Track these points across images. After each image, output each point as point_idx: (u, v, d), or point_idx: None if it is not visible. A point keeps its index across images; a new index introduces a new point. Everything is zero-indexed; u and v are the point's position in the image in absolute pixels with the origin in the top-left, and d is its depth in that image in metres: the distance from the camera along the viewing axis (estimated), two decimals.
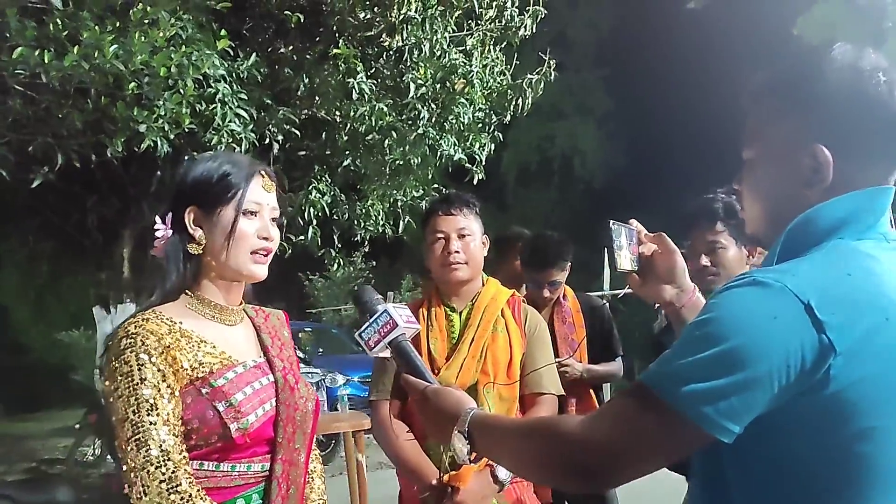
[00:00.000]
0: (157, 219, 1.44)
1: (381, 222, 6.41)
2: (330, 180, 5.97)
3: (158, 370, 1.28)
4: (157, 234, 1.43)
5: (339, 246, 6.78)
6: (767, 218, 1.08)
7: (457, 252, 2.11)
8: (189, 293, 1.42)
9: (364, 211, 6.33)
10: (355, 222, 6.41)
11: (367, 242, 7.16)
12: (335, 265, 7.37)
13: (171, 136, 3.94)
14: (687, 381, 0.88)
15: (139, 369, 1.27)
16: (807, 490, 0.91)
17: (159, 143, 3.99)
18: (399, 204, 6.32)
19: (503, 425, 1.18)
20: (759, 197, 1.09)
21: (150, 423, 1.25)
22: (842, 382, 0.87)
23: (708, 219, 2.07)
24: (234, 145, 4.45)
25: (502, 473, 1.96)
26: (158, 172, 5.53)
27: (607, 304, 3.25)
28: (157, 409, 1.26)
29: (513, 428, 1.16)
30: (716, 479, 0.98)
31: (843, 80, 0.99)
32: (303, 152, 5.85)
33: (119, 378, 1.27)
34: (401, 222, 6.43)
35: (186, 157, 4.18)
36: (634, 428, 0.92)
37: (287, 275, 13.55)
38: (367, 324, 1.33)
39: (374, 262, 15.82)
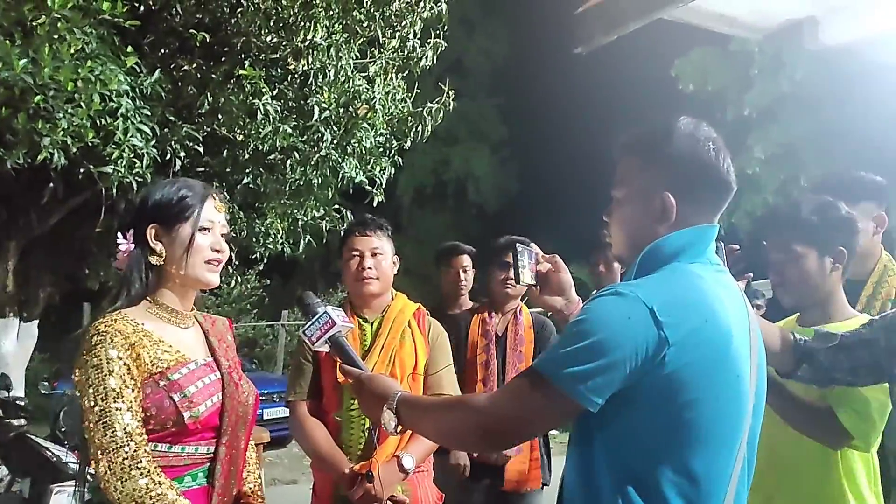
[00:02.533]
0: (119, 235, 1.65)
1: (281, 241, 6.46)
2: (229, 197, 5.97)
3: (124, 364, 1.50)
4: (120, 248, 1.64)
5: (237, 263, 6.76)
6: (628, 244, 1.40)
7: (369, 268, 2.38)
8: (149, 299, 1.64)
9: (263, 229, 6.36)
10: (254, 240, 6.43)
11: (264, 260, 7.16)
12: (231, 282, 7.31)
13: (73, 150, 3.90)
14: (566, 365, 1.18)
15: (108, 363, 1.48)
16: (649, 446, 1.21)
17: (56, 155, 3.94)
18: (299, 223, 6.39)
19: (425, 402, 1.50)
20: (622, 228, 1.42)
21: (116, 409, 1.46)
22: (674, 366, 1.17)
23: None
24: (135, 160, 4.43)
25: (408, 463, 2.19)
26: (51, 185, 5.38)
27: (550, 325, 3.49)
28: (122, 397, 1.48)
29: (433, 403, 1.47)
30: (586, 440, 1.27)
31: (685, 145, 1.33)
32: (203, 169, 5.83)
33: (90, 370, 1.48)
34: (301, 241, 6.49)
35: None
36: (528, 401, 1.22)
37: None
38: (310, 323, 1.60)
39: (268, 281, 15.62)
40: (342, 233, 2.57)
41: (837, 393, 1.80)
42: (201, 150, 5.15)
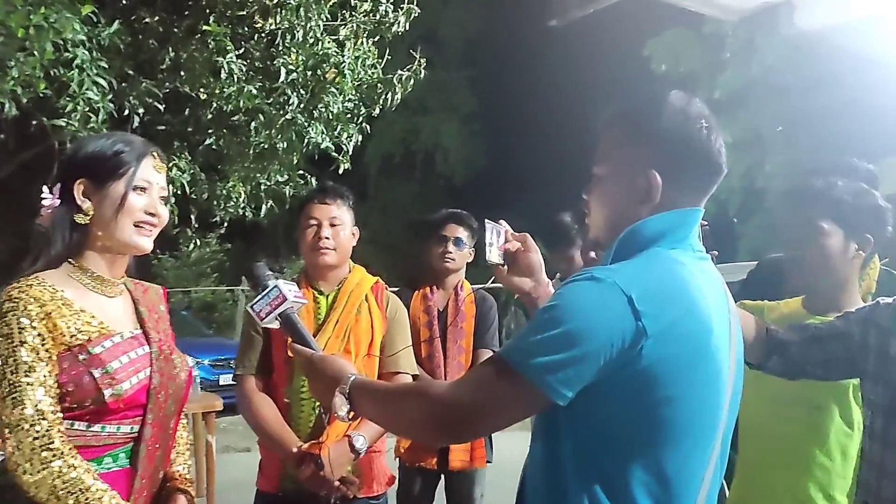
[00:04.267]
0: (45, 188, 1.49)
1: (242, 205, 6.29)
2: (190, 158, 5.80)
3: (38, 335, 1.36)
4: (45, 203, 1.49)
5: (196, 226, 6.60)
6: (607, 225, 1.30)
7: (327, 238, 2.27)
8: (72, 262, 1.49)
9: (225, 192, 6.20)
10: (215, 203, 6.26)
11: (225, 224, 7.01)
12: (190, 245, 7.15)
13: (24, 100, 3.73)
14: (535, 354, 1.08)
15: (20, 332, 1.35)
16: (620, 444, 1.13)
17: (7, 105, 3.77)
18: (262, 188, 6.23)
19: (380, 388, 1.38)
20: (602, 207, 1.31)
21: (27, 384, 1.33)
22: (651, 359, 1.09)
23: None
24: (90, 114, 4.26)
25: (359, 443, 2.12)
26: (1, 136, 5.17)
27: (491, 300, 3.41)
28: (34, 370, 1.34)
29: (388, 390, 1.37)
30: (553, 435, 1.18)
31: (675, 121, 1.22)
32: (163, 127, 5.65)
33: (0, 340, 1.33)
34: (263, 206, 6.35)
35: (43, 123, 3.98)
36: (491, 392, 1.12)
37: None
38: (259, 297, 1.49)
39: (230, 245, 15.40)
40: (301, 200, 2.45)
41: None
42: (161, 107, 4.98)
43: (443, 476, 3.24)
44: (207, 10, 5.00)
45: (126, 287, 1.61)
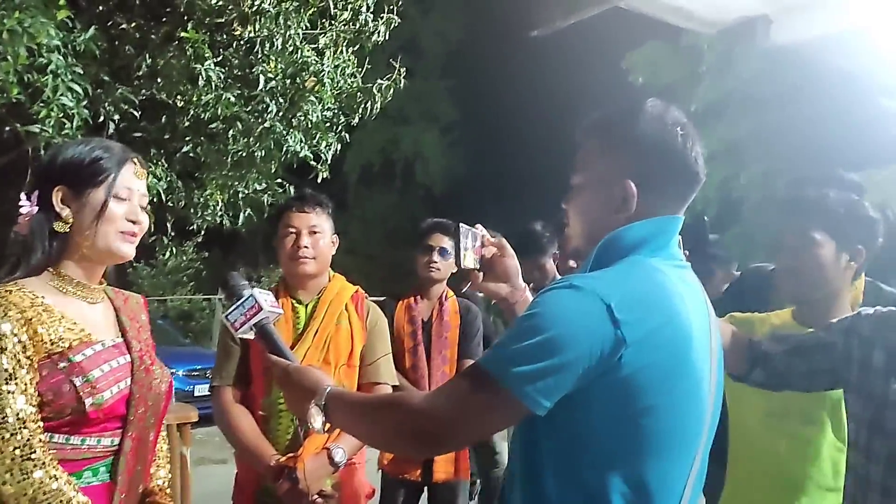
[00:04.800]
0: (23, 195, 1.45)
1: (220, 213, 6.24)
2: (167, 165, 5.74)
3: (19, 341, 1.32)
4: (23, 210, 1.45)
5: (173, 234, 6.53)
6: (585, 234, 1.28)
7: (306, 247, 2.23)
8: (51, 270, 1.45)
9: (202, 200, 6.14)
10: (192, 211, 6.20)
11: (201, 232, 6.94)
12: (166, 253, 7.07)
13: None
14: (515, 363, 1.06)
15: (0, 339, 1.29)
16: (600, 454, 1.11)
17: None
18: (240, 196, 6.18)
19: (356, 400, 1.35)
20: (580, 217, 1.30)
21: (8, 392, 1.29)
22: (630, 368, 1.07)
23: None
24: (65, 120, 4.20)
25: (338, 455, 2.07)
26: None
27: (476, 310, 3.38)
28: (15, 378, 1.30)
29: (365, 402, 1.32)
30: (532, 445, 1.16)
31: (651, 129, 1.21)
32: (139, 134, 5.58)
33: None
34: (241, 214, 6.29)
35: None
36: (470, 403, 1.09)
37: None
38: (234, 307, 1.45)
39: (207, 253, 15.26)
40: (279, 207, 2.41)
41: None
42: (138, 114, 4.93)
43: (426, 488, 3.21)
44: (185, 17, 4.97)
45: (107, 294, 1.57)
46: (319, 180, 5.99)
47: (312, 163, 5.97)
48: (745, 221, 11.55)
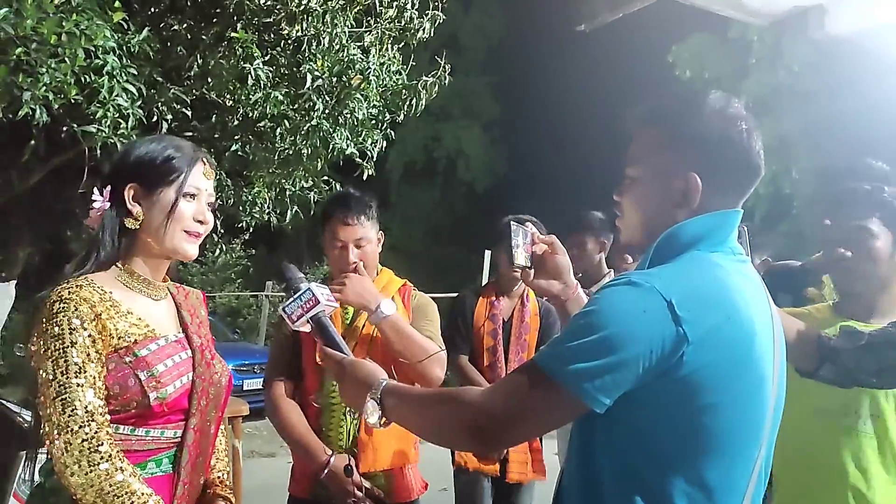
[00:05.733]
0: (95, 191, 1.49)
1: (268, 210, 6.35)
2: (217, 164, 5.83)
3: (89, 335, 1.36)
4: (95, 205, 1.49)
5: (222, 232, 6.65)
6: (642, 229, 1.28)
7: (353, 262, 2.25)
8: (119, 266, 1.49)
9: (250, 198, 6.24)
10: (240, 208, 6.31)
11: (250, 230, 7.06)
12: (216, 251, 7.21)
13: (56, 107, 3.77)
14: (571, 361, 1.06)
15: (70, 333, 1.34)
16: (660, 454, 1.10)
17: (38, 111, 3.82)
18: (287, 193, 6.27)
19: (412, 394, 1.35)
20: (636, 210, 1.29)
21: (77, 385, 1.32)
22: (691, 366, 1.06)
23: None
24: (120, 120, 4.30)
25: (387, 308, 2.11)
26: (32, 142, 5.23)
27: (556, 313, 3.41)
28: (84, 372, 1.33)
29: (421, 396, 1.33)
30: (590, 446, 1.16)
31: (714, 123, 1.20)
32: (190, 133, 5.69)
33: (50, 339, 1.33)
34: (288, 212, 6.38)
35: (73, 128, 4.03)
36: (526, 400, 1.10)
37: None
38: (291, 300, 1.47)
39: (254, 251, 15.51)
40: (323, 213, 2.39)
41: None
42: (189, 113, 5.01)
43: (501, 487, 3.20)
44: (235, 18, 5.04)
45: (169, 291, 1.61)
46: (365, 178, 6.03)
47: (358, 160, 6.02)
48: (796, 217, 11.30)
